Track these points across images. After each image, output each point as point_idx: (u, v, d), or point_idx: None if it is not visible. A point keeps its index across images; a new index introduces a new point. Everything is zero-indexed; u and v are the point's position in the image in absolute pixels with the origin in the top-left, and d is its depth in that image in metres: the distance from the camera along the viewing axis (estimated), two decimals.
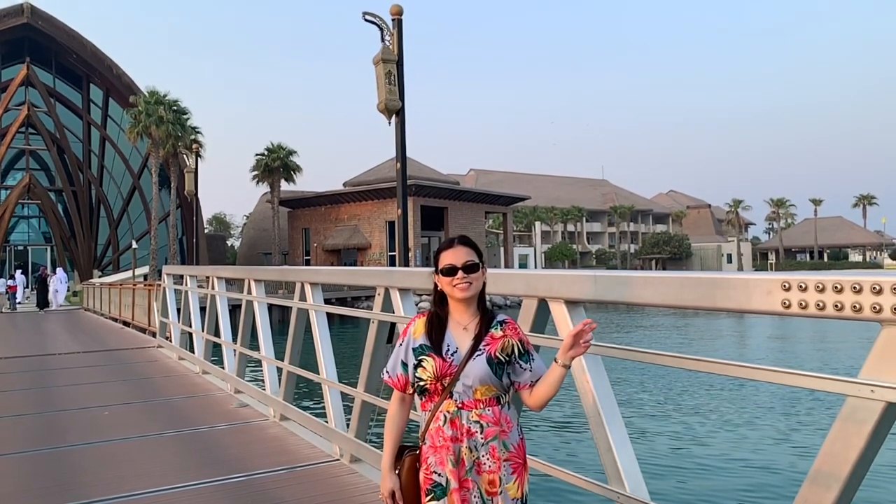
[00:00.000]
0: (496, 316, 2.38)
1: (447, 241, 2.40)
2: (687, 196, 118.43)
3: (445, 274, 2.33)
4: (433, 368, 2.27)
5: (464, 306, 2.35)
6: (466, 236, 2.43)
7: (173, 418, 6.68)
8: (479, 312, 2.37)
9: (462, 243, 2.38)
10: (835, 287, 1.98)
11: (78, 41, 53.72)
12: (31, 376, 9.78)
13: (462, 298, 2.32)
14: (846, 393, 1.97)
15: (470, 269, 2.32)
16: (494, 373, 2.25)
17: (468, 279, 2.31)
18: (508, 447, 2.26)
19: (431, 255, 26.33)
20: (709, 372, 2.44)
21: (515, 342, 2.32)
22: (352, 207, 51.58)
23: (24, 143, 53.72)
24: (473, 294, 2.34)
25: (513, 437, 2.29)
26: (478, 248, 2.41)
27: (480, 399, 2.26)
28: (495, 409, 2.27)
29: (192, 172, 39.92)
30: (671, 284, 2.54)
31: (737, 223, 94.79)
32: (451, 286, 2.32)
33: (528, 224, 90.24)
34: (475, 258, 2.34)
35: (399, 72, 9.98)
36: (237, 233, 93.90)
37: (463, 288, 2.31)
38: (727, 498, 8.34)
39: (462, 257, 2.32)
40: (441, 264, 2.35)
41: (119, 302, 20.21)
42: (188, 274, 10.26)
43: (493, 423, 2.25)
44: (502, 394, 2.30)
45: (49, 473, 4.96)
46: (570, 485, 3.07)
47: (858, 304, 1.93)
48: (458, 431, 2.24)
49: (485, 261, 2.41)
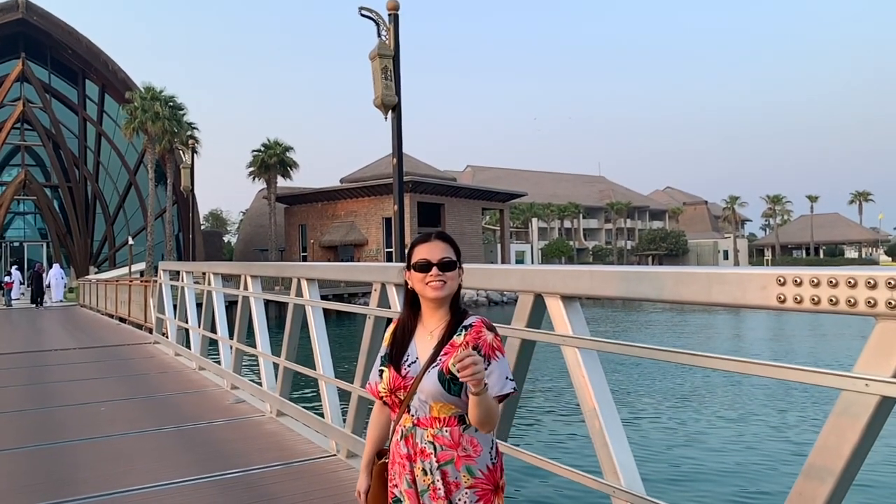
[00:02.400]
0: (466, 318, 2.12)
1: (423, 235, 2.20)
2: (683, 192, 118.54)
3: (418, 270, 2.12)
4: (387, 381, 2.11)
5: (433, 308, 2.13)
6: (445, 232, 2.25)
7: (170, 414, 6.68)
8: (449, 315, 2.13)
9: (440, 238, 2.18)
10: (830, 282, 1.98)
11: (73, 36, 53.51)
12: (27, 372, 9.76)
13: (433, 298, 2.10)
14: (840, 387, 1.98)
15: (446, 266, 2.11)
16: (447, 389, 1.99)
17: (443, 278, 2.10)
18: (474, 472, 2.03)
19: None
20: (704, 367, 2.44)
21: (467, 349, 1.98)
22: (348, 204, 51.52)
23: (20, 139, 53.49)
24: (447, 295, 2.11)
25: (481, 461, 2.05)
26: (456, 245, 2.22)
27: (437, 417, 2.04)
28: (454, 430, 2.03)
29: (189, 168, 39.79)
30: (667, 279, 2.54)
31: (733, 220, 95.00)
32: (423, 284, 2.11)
33: (525, 220, 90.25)
34: (452, 256, 2.15)
35: (395, 67, 9.96)
36: (234, 229, 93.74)
37: (436, 287, 2.09)
38: (722, 492, 8.37)
39: (438, 253, 2.12)
40: (414, 259, 2.14)
41: (115, 298, 20.19)
42: (184, 270, 10.24)
43: (450, 447, 2.02)
44: (466, 412, 2.01)
45: (45, 469, 4.96)
46: (565, 479, 3.07)
47: (853, 298, 1.93)
48: (411, 450, 2.06)
49: (462, 261, 2.22)
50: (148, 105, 45.09)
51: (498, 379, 2.01)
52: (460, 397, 2.00)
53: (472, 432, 2.04)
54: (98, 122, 56.87)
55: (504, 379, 2.02)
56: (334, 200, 52.48)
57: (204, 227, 70.42)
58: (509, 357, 3.29)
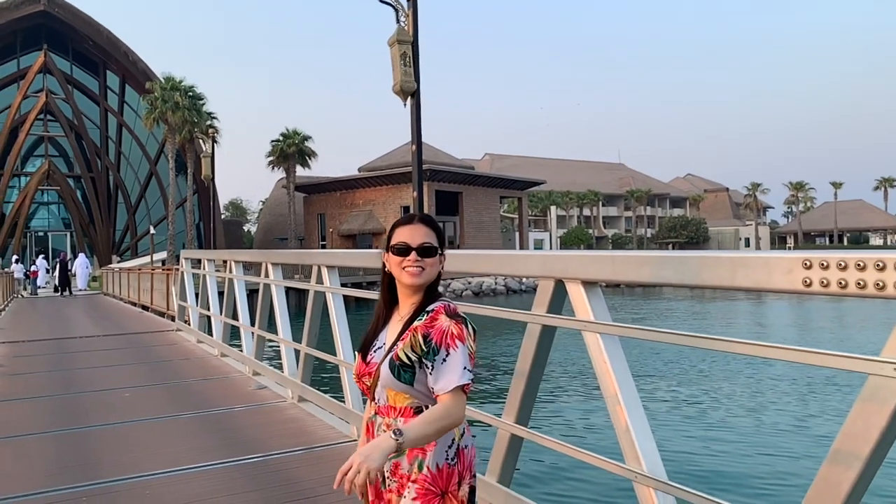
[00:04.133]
0: (433, 303, 1.99)
1: (406, 217, 2.07)
2: (704, 180, 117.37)
3: (396, 253, 2.01)
4: (356, 367, 2.07)
5: (408, 294, 2.02)
6: (429, 216, 2.12)
7: (192, 400, 6.76)
8: (420, 300, 2.01)
9: (423, 221, 2.06)
10: (857, 265, 1.95)
11: (94, 28, 53.95)
12: (53, 359, 9.92)
13: (409, 284, 1.99)
14: (867, 371, 1.95)
15: (426, 252, 1.99)
16: (397, 376, 1.92)
17: (421, 264, 1.98)
18: (422, 468, 1.91)
19: (446, 239, 26.85)
20: (727, 351, 2.41)
21: (418, 336, 1.92)
22: (367, 193, 51.63)
23: (43, 130, 54.20)
24: (424, 282, 2.00)
25: (435, 457, 1.92)
26: (440, 230, 2.08)
27: (393, 406, 1.96)
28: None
29: (209, 157, 40.07)
30: (690, 264, 2.52)
31: (755, 207, 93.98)
32: (400, 268, 2.00)
33: (544, 209, 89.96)
34: (434, 241, 2.02)
35: (414, 53, 9.92)
36: (253, 218, 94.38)
37: (413, 273, 1.98)
38: (743, 479, 8.32)
39: (419, 237, 2.00)
40: (393, 240, 2.02)
41: (138, 286, 20.42)
42: (206, 258, 10.33)
43: None
44: (426, 405, 1.92)
45: (72, 453, 5.05)
46: (587, 464, 3.07)
47: (881, 281, 1.90)
48: (369, 437, 2.01)
49: (444, 247, 2.09)
50: (168, 95, 45.40)
51: (452, 370, 1.87)
52: (412, 386, 1.92)
53: None
54: (119, 112, 57.41)
55: (461, 370, 1.87)
56: (352, 189, 52.62)
57: (224, 217, 70.94)
58: (529, 344, 3.29)
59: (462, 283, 42.19)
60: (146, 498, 4.03)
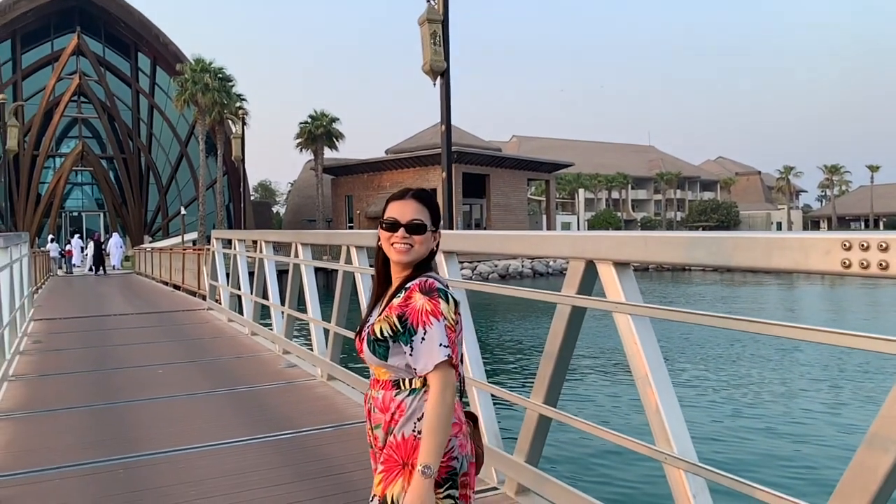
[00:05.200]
0: (414, 280, 1.96)
1: (399, 192, 2.05)
2: (736, 163, 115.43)
3: (386, 228, 2.00)
4: (356, 345, 2.08)
5: (398, 270, 2.01)
6: (426, 191, 2.07)
7: (224, 377, 6.88)
8: (407, 277, 1.98)
9: (415, 197, 2.02)
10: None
11: (126, 10, 54.47)
12: (89, 336, 10.16)
13: (397, 262, 1.99)
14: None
15: (414, 229, 1.96)
16: (373, 352, 1.95)
17: (409, 241, 1.96)
18: (389, 436, 1.94)
19: (473, 222, 26.51)
20: (760, 333, 2.38)
21: (392, 317, 1.91)
22: (394, 175, 51.67)
23: (77, 112, 55.06)
24: (412, 260, 1.97)
25: (400, 426, 1.93)
26: (435, 208, 2.03)
27: (378, 379, 2.00)
28: (387, 394, 1.95)
29: (239, 139, 40.43)
30: (725, 245, 2.48)
31: (787, 190, 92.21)
32: (389, 244, 1.98)
33: (572, 191, 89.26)
34: (424, 219, 1.98)
35: (444, 32, 9.86)
36: (282, 200, 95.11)
37: (400, 250, 1.96)
38: (774, 464, 8.25)
39: (409, 214, 1.98)
40: (385, 216, 2.01)
41: (170, 266, 20.75)
42: (237, 238, 10.45)
43: (381, 410, 1.96)
44: (403, 378, 1.94)
45: (108, 427, 5.18)
46: (614, 445, 3.07)
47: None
48: (366, 409, 2.07)
49: (439, 226, 2.06)
50: (198, 77, 45.75)
51: (430, 350, 1.85)
52: (386, 361, 1.93)
53: (402, 396, 1.94)
54: (150, 94, 58.03)
55: (437, 347, 1.84)
56: (379, 171, 52.71)
57: (253, 198, 71.58)
58: (558, 325, 3.29)
59: (489, 266, 42.14)
60: (180, 471, 4.13)
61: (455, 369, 1.89)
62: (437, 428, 1.83)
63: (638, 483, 7.18)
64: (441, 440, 1.83)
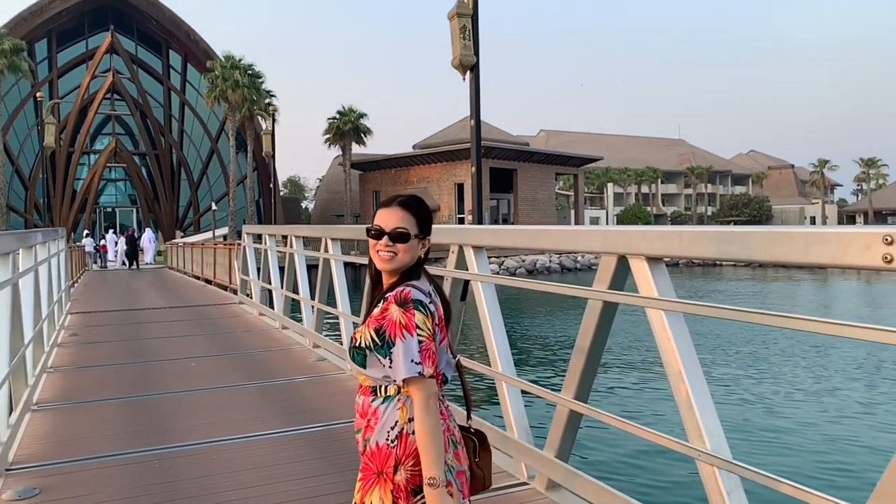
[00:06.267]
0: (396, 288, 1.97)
1: (387, 199, 2.04)
2: (768, 156, 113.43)
3: (371, 236, 2.00)
4: None
5: (387, 277, 2.02)
6: (415, 198, 2.06)
7: (255, 370, 6.97)
8: (392, 284, 1.99)
9: (401, 205, 2.01)
10: None
11: (157, 7, 55.23)
12: (124, 329, 10.35)
13: (382, 269, 2.01)
14: None
15: (397, 237, 1.96)
16: (353, 358, 1.98)
17: (392, 249, 1.96)
18: (371, 444, 1.95)
19: (500, 217, 26.35)
20: (794, 329, 2.33)
21: (370, 331, 1.93)
22: (421, 170, 51.76)
23: (110, 109, 56.04)
24: (396, 268, 1.98)
25: (376, 434, 1.94)
26: (422, 215, 2.03)
27: (361, 384, 2.02)
28: (366, 399, 1.98)
29: (270, 134, 40.80)
30: (760, 239, 2.45)
31: (822, 184, 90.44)
32: (374, 251, 2.00)
33: (601, 186, 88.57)
34: (409, 227, 1.98)
35: (474, 26, 9.84)
36: (311, 195, 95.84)
37: (384, 258, 1.97)
38: (808, 464, 8.12)
39: (393, 222, 1.97)
40: (373, 223, 2.02)
41: (201, 261, 21.03)
42: (267, 233, 10.56)
43: (361, 415, 1.99)
44: (379, 385, 1.96)
45: (145, 418, 5.28)
46: (644, 441, 3.05)
47: None
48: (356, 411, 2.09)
49: (427, 233, 2.04)
50: (228, 74, 46.28)
51: (400, 364, 1.86)
52: (364, 368, 1.95)
53: (377, 403, 1.96)
54: (181, 91, 58.80)
55: (408, 363, 1.86)
56: (407, 167, 52.83)
57: (282, 194, 72.26)
58: (589, 320, 3.27)
59: (516, 261, 42.01)
60: (214, 463, 4.19)
61: (435, 377, 1.91)
62: (427, 439, 1.86)
63: (670, 480, 7.12)
64: (436, 449, 1.86)
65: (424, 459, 1.86)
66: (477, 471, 2.12)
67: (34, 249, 6.44)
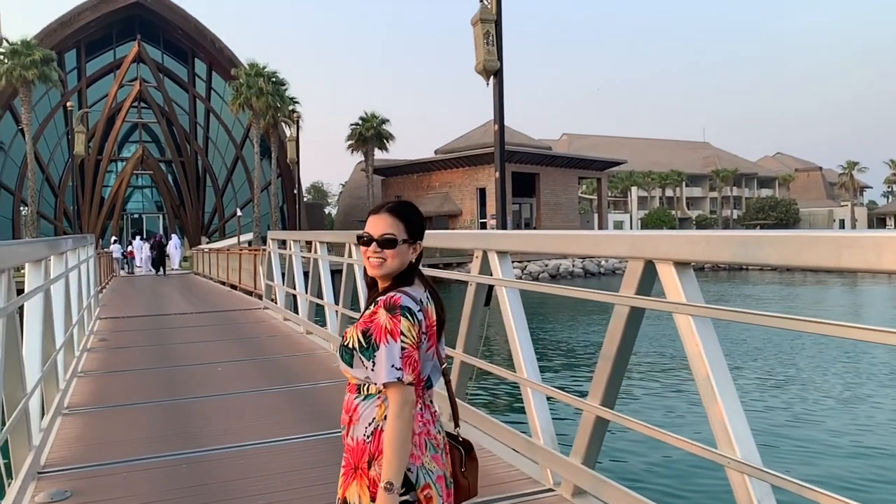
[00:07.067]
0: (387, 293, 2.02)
1: (377, 206, 2.10)
2: (795, 158, 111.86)
3: (361, 243, 2.06)
4: None
5: (381, 282, 2.06)
6: (405, 204, 2.12)
7: (280, 375, 7.01)
8: (385, 289, 2.04)
9: (389, 211, 2.05)
10: None
11: (182, 17, 56.01)
12: (151, 334, 10.49)
13: (372, 275, 2.06)
14: None
15: (385, 243, 2.00)
16: (342, 357, 2.04)
17: (381, 255, 2.00)
18: (350, 440, 2.01)
19: (522, 222, 26.29)
20: (825, 334, 2.29)
21: (357, 333, 1.98)
22: (443, 175, 51.84)
23: (137, 117, 56.91)
24: (385, 273, 2.02)
25: (354, 432, 2.00)
26: (412, 220, 2.06)
27: (349, 382, 2.07)
28: (351, 397, 2.04)
29: (294, 141, 41.16)
30: (791, 244, 2.41)
31: (851, 186, 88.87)
32: (365, 258, 2.05)
33: (624, 189, 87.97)
34: (397, 233, 2.01)
35: (497, 32, 9.84)
36: (334, 201, 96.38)
37: (373, 264, 2.02)
38: (838, 473, 7.97)
39: (381, 228, 2.01)
40: (364, 229, 2.07)
41: (227, 266, 21.23)
42: (292, 239, 10.63)
43: (345, 411, 2.05)
44: (362, 383, 2.01)
45: (170, 423, 5.34)
46: (672, 447, 3.01)
47: None
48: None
49: (418, 238, 2.07)
50: (252, 81, 46.72)
51: (381, 369, 1.91)
52: (351, 367, 2.00)
53: (359, 400, 2.01)
54: (207, 98, 59.52)
55: (388, 368, 1.89)
56: (429, 172, 52.94)
57: (306, 200, 72.76)
58: (616, 326, 3.24)
59: (538, 266, 41.86)
60: (240, 467, 4.23)
61: (415, 385, 1.94)
62: (392, 444, 1.88)
63: (698, 488, 7.03)
64: (399, 456, 1.88)
65: (385, 463, 1.88)
66: (462, 480, 2.14)
67: (65, 256, 6.56)
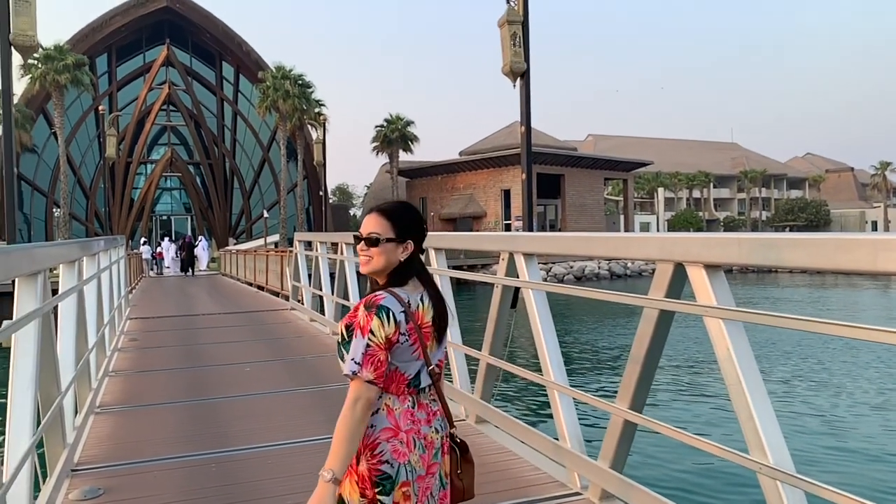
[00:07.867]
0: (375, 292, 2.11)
1: (371, 207, 2.18)
2: (826, 159, 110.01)
3: (355, 241, 2.15)
4: None
5: (379, 279, 2.14)
6: (397, 204, 2.19)
7: (308, 376, 7.06)
8: (380, 286, 2.12)
9: (378, 211, 2.14)
10: None
11: (211, 21, 56.75)
12: (180, 334, 10.63)
13: (362, 272, 2.16)
14: None
15: (369, 242, 2.09)
16: (338, 351, 2.10)
17: (367, 253, 2.09)
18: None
19: (547, 223, 26.12)
20: (861, 339, 2.24)
21: (342, 326, 2.05)
22: (468, 176, 51.82)
23: (166, 120, 57.79)
24: (372, 270, 2.10)
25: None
26: (401, 219, 2.12)
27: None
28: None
29: (321, 143, 41.45)
30: (825, 246, 2.37)
31: (884, 187, 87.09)
32: (359, 256, 2.15)
33: (651, 190, 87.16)
34: (382, 232, 2.08)
35: (524, 33, 9.83)
36: (359, 203, 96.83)
37: (361, 262, 2.12)
38: (876, 478, 7.80)
39: (368, 227, 2.10)
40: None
41: (254, 267, 21.42)
42: (318, 240, 10.71)
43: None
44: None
45: (199, 422, 5.40)
46: (701, 452, 2.98)
47: None
48: None
49: (407, 237, 2.12)
50: (279, 84, 47.15)
51: (347, 359, 1.98)
52: (342, 360, 2.04)
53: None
54: (234, 101, 60.24)
55: (350, 361, 1.96)
56: (454, 173, 52.96)
57: (331, 201, 73.22)
58: (645, 329, 3.22)
59: (563, 268, 41.61)
60: (269, 467, 4.26)
61: (375, 383, 1.97)
62: (341, 435, 1.94)
63: (728, 494, 6.93)
64: (345, 447, 1.93)
65: (331, 452, 1.93)
66: (457, 482, 2.16)
67: (97, 257, 6.66)
